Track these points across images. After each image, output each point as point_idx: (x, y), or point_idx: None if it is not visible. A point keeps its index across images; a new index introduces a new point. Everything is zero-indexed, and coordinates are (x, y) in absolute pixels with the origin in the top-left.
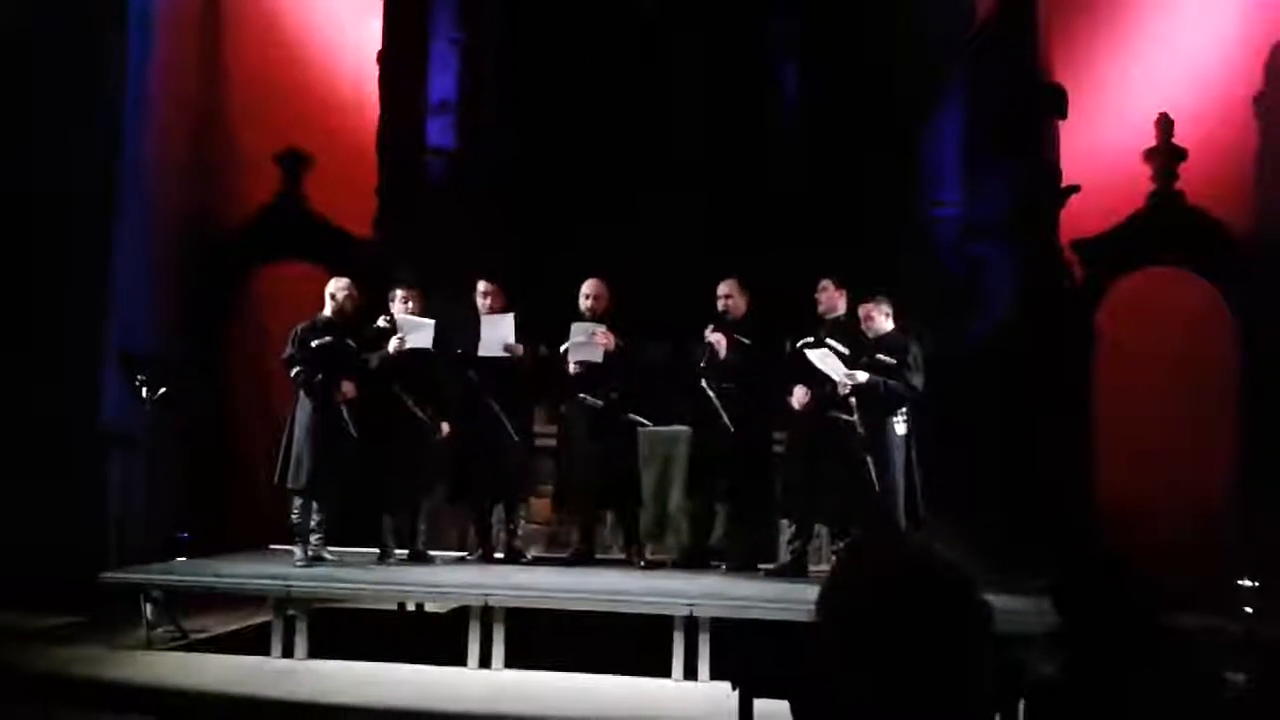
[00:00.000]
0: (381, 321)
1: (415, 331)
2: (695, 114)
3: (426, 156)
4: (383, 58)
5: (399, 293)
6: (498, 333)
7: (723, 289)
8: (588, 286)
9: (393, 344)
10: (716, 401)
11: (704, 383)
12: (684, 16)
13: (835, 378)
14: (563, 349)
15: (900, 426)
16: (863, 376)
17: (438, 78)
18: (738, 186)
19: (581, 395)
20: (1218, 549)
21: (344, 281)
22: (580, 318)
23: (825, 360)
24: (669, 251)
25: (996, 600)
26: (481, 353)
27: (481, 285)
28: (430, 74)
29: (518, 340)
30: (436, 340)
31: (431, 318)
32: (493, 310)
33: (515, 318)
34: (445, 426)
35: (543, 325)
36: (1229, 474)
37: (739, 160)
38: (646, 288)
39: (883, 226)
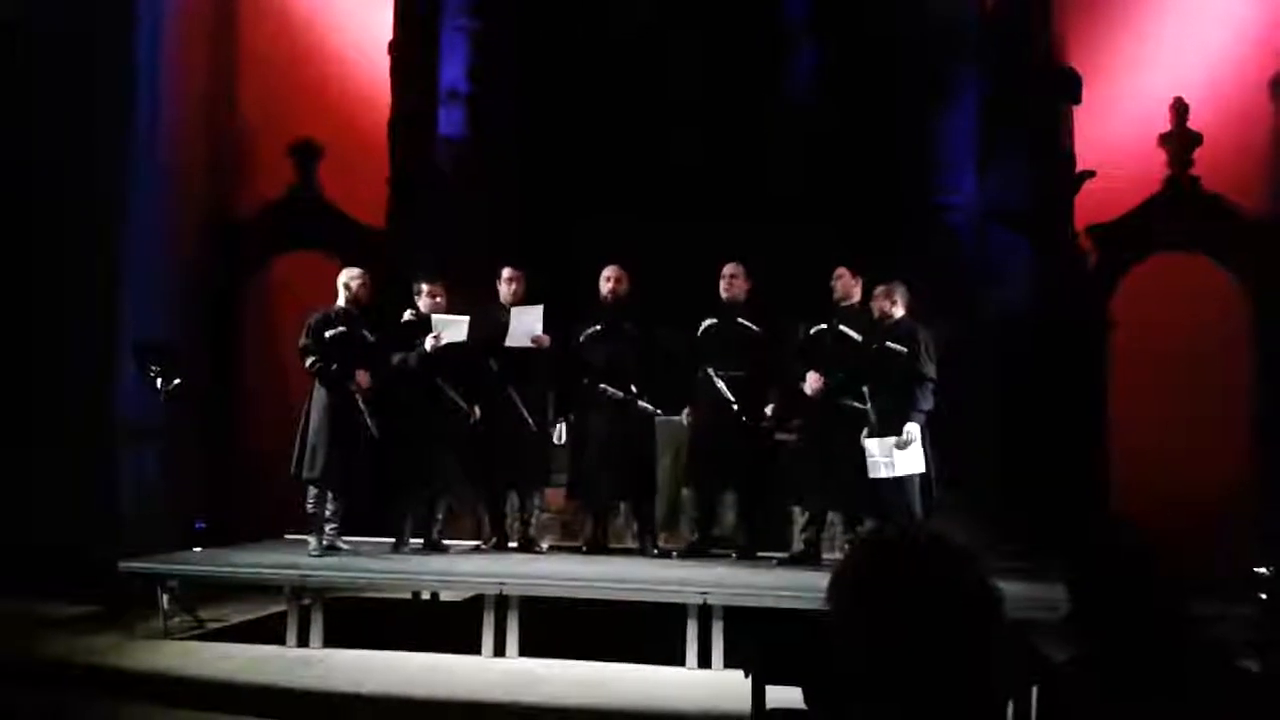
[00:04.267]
0: (408, 315)
1: (450, 328)
2: (710, 101)
3: (438, 145)
4: (394, 47)
5: (424, 287)
6: (526, 324)
7: (727, 269)
8: (608, 270)
9: (429, 342)
10: (724, 389)
11: (711, 370)
12: (696, 2)
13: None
14: (579, 339)
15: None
16: (913, 430)
17: (448, 67)
18: (747, 176)
19: (602, 386)
20: (1233, 534)
21: (356, 271)
22: (601, 302)
23: (885, 452)
24: (681, 239)
25: (1009, 587)
26: (509, 343)
27: (506, 272)
28: (441, 63)
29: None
30: (469, 334)
31: (455, 308)
32: (516, 296)
33: (544, 309)
34: (477, 410)
35: (556, 313)
36: (1245, 457)
37: (748, 150)
38: (659, 275)
39: (896, 213)
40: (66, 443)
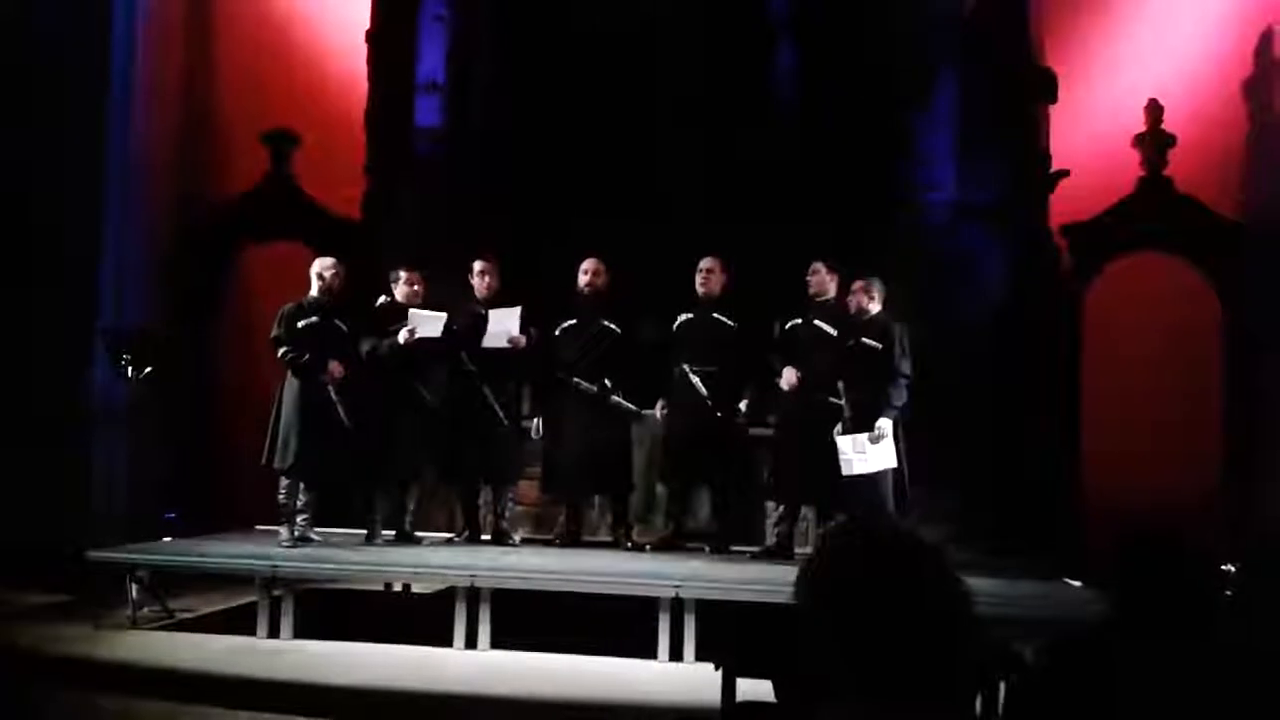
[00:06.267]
0: (382, 300)
1: (426, 324)
2: (688, 93)
3: (415, 136)
4: (372, 37)
5: (403, 275)
6: (503, 326)
7: (704, 263)
8: (586, 263)
9: (402, 335)
10: (699, 384)
11: (686, 366)
12: None
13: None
14: (555, 332)
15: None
16: (886, 425)
17: (427, 57)
18: (729, 169)
19: (575, 380)
20: (1203, 531)
21: (330, 261)
22: (578, 295)
23: (858, 448)
24: (661, 234)
25: (978, 583)
26: (486, 344)
27: (478, 265)
28: (419, 53)
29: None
30: (445, 329)
31: (431, 299)
32: (490, 289)
33: (522, 311)
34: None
35: (534, 306)
36: (1215, 456)
37: (731, 144)
38: (638, 268)
39: (873, 210)
40: (36, 432)
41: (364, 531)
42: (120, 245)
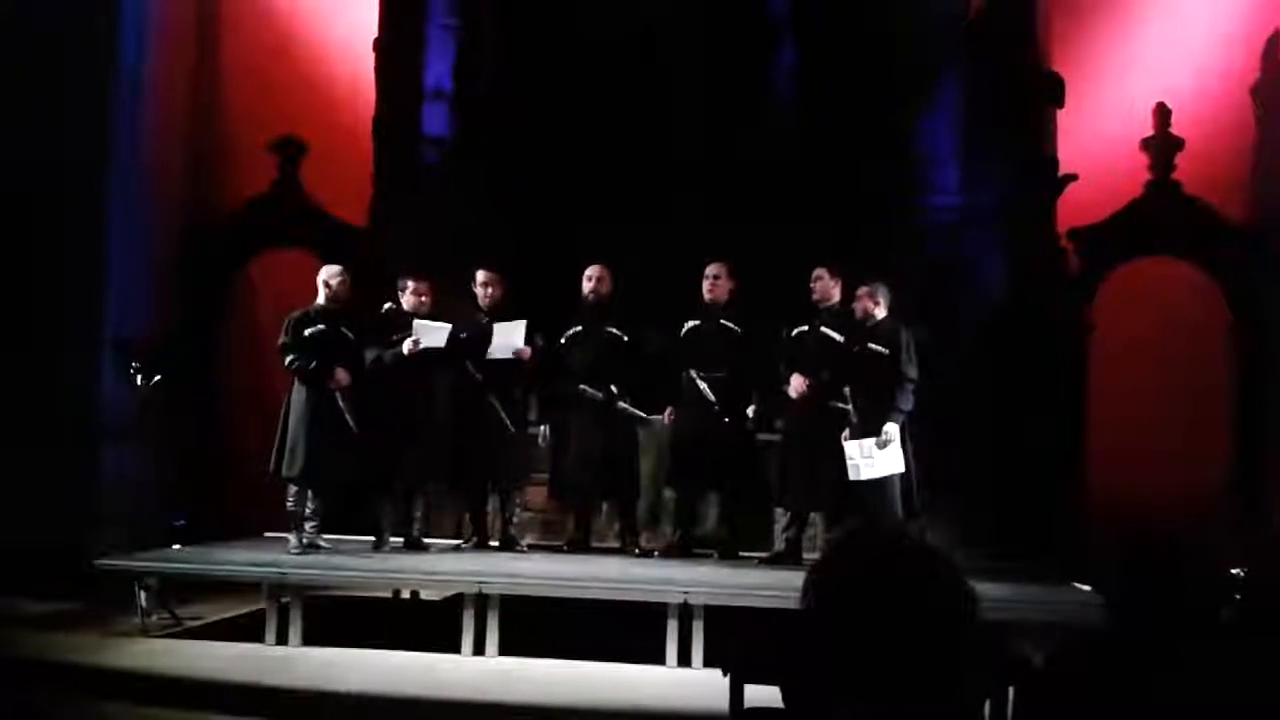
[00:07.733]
0: (388, 307)
1: (430, 334)
2: (692, 99)
3: (422, 144)
4: (378, 45)
5: (410, 284)
6: (508, 339)
7: (711, 269)
8: (590, 270)
9: (406, 345)
10: (707, 390)
11: (693, 372)
12: (682, 2)
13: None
14: (560, 339)
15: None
16: (893, 430)
17: (434, 65)
18: (733, 174)
19: (582, 387)
20: (1211, 536)
21: (336, 269)
22: (583, 302)
23: (865, 453)
24: (667, 240)
25: (988, 587)
26: (491, 355)
27: (481, 275)
28: (426, 61)
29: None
30: (449, 341)
31: (440, 307)
32: (493, 299)
33: (526, 324)
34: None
35: (540, 314)
36: (1222, 459)
37: (732, 144)
38: (644, 276)
39: (878, 213)
40: (46, 439)
41: (372, 538)
42: (125, 249)
